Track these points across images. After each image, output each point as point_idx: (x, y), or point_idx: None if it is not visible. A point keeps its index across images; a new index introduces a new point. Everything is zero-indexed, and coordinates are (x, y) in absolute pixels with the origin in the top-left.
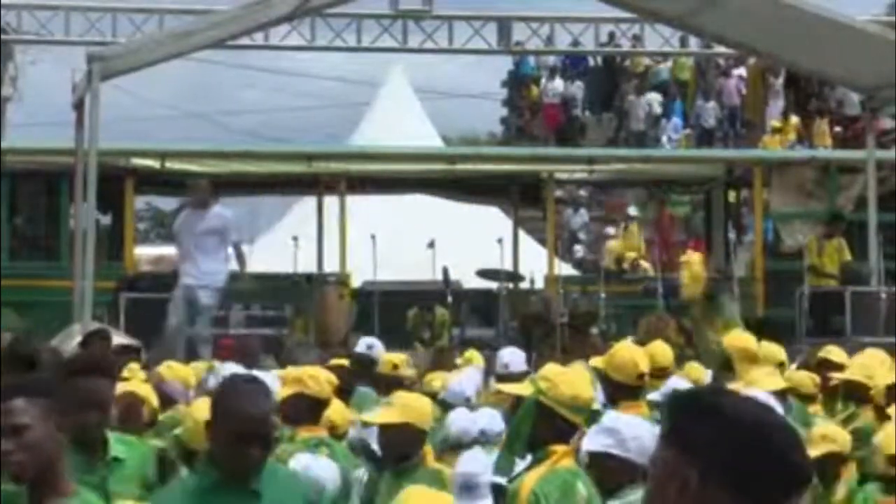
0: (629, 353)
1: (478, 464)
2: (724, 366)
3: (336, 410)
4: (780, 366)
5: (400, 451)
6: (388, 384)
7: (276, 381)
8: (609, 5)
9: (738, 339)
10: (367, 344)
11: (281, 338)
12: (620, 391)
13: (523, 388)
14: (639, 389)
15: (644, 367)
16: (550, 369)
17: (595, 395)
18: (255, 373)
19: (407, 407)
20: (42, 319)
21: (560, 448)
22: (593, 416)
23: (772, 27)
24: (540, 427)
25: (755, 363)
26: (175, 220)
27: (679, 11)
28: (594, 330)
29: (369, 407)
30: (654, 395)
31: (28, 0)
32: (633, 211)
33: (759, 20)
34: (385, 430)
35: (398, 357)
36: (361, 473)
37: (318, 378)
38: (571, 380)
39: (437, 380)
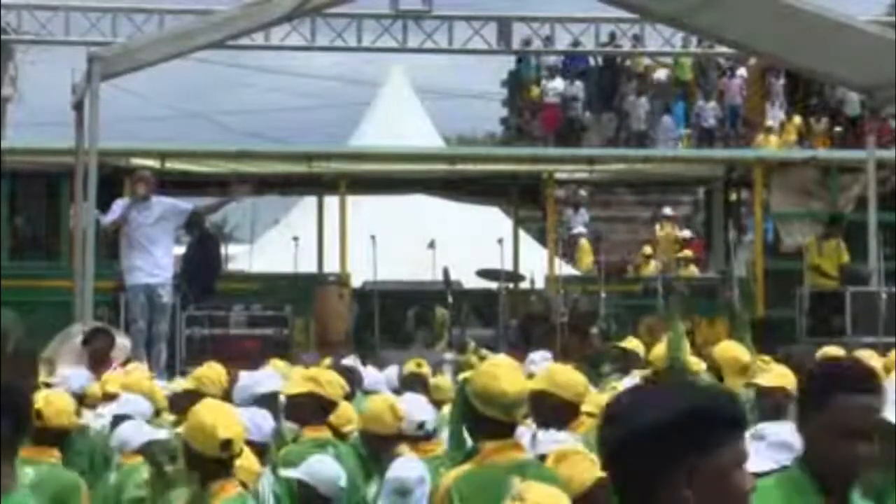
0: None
1: (412, 469)
2: (715, 376)
3: (343, 411)
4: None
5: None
6: (413, 385)
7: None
8: (609, 5)
9: (729, 349)
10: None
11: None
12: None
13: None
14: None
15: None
16: (490, 360)
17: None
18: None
19: (362, 412)
20: (42, 319)
21: (489, 444)
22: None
23: (772, 27)
24: (466, 418)
25: (745, 374)
26: (115, 216)
27: (679, 11)
28: (594, 330)
29: None
30: None
31: (28, 0)
32: (668, 211)
33: (759, 20)
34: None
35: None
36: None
37: (332, 381)
38: (493, 371)
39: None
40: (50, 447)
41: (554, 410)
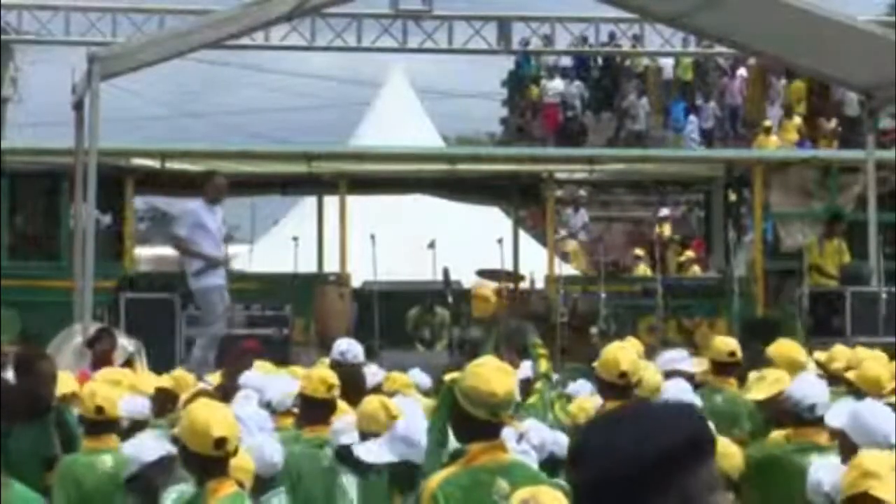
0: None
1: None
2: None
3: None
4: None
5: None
6: None
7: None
8: (609, 5)
9: (784, 347)
10: (340, 350)
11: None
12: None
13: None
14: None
15: (626, 366)
16: (476, 361)
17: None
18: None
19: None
20: (42, 319)
21: (475, 446)
22: None
23: (772, 27)
24: (453, 418)
25: (802, 371)
26: (186, 216)
27: (679, 11)
28: (594, 330)
29: None
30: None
31: (28, 0)
32: (665, 211)
33: (759, 20)
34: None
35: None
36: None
37: (311, 378)
38: (481, 372)
39: None
40: (111, 434)
41: (600, 387)
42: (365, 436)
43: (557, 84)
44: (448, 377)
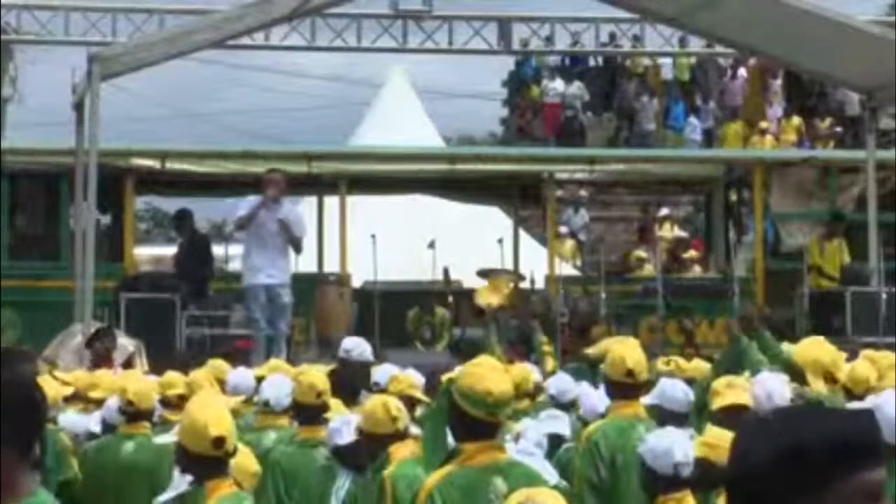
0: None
1: None
2: (797, 379)
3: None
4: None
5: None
6: None
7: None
8: (609, 5)
9: (810, 349)
10: (346, 349)
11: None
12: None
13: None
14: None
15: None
16: (474, 360)
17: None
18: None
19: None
20: (42, 319)
21: (472, 445)
22: None
23: (772, 27)
24: (450, 418)
25: (828, 374)
26: (244, 213)
27: (679, 11)
28: (594, 330)
29: None
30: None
31: (28, 0)
32: (664, 210)
33: (759, 20)
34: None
35: None
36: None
37: (301, 383)
38: (478, 372)
39: None
40: (142, 422)
41: (608, 386)
42: (367, 435)
43: (558, 84)
44: (445, 377)
